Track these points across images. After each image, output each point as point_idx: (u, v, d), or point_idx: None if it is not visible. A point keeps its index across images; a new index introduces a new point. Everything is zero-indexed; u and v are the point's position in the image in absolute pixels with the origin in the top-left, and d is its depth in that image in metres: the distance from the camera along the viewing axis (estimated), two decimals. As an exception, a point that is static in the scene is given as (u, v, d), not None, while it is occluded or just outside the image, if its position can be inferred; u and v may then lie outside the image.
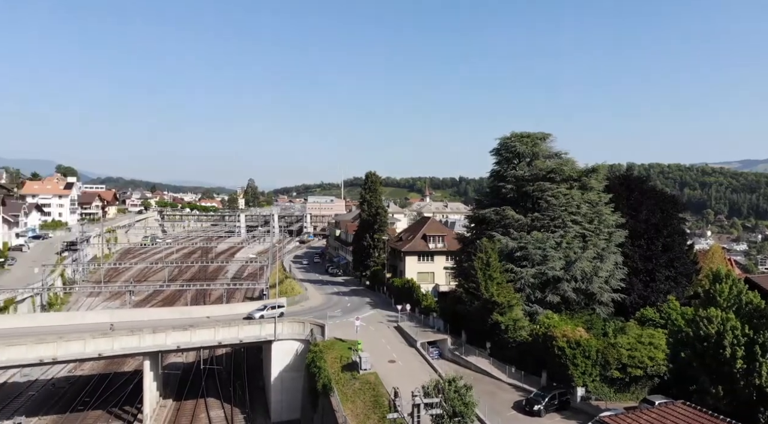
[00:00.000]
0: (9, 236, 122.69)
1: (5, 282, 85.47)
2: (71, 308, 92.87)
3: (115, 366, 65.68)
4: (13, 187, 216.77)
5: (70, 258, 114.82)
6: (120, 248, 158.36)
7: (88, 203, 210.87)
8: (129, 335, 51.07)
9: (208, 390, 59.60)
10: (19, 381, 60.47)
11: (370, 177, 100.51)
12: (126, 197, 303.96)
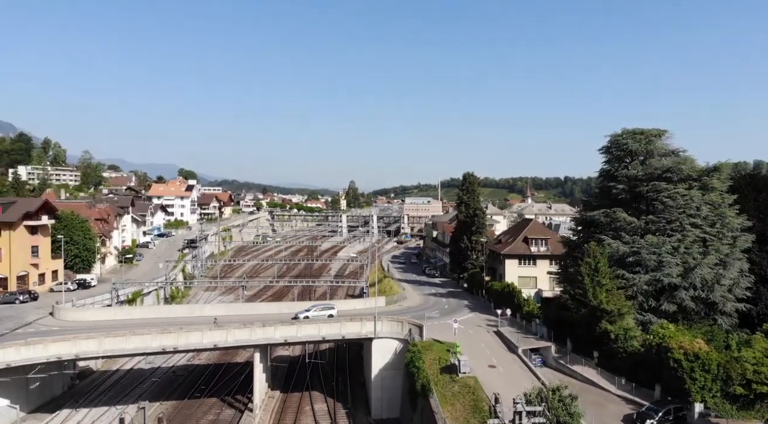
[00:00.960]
0: (137, 233, 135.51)
1: (134, 276, 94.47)
2: (191, 301, 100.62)
3: (228, 357, 70.26)
4: (141, 189, 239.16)
5: (190, 255, 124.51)
6: (234, 246, 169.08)
7: (207, 204, 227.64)
8: (241, 327, 54.49)
9: (312, 384, 62.00)
10: (144, 368, 66.48)
11: (468, 178, 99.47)
12: (240, 198, 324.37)
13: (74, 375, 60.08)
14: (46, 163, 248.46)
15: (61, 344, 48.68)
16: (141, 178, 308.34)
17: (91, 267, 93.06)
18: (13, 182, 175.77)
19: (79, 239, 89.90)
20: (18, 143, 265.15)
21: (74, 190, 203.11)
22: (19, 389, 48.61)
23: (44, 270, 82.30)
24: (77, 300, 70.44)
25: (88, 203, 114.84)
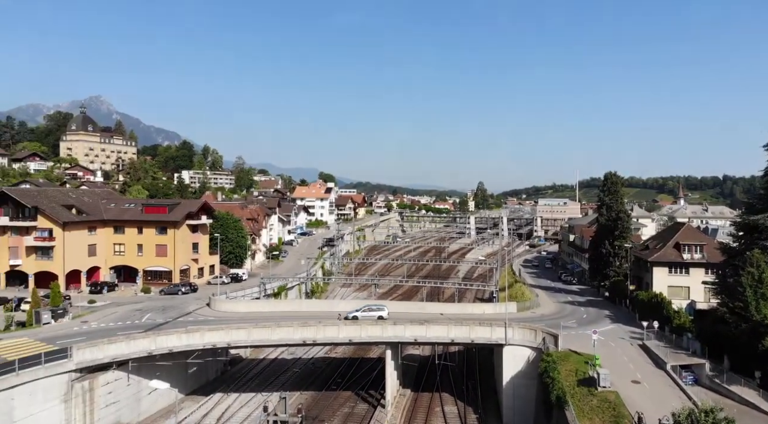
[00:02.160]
0: (283, 232, 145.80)
1: (279, 271, 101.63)
2: (328, 296, 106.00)
3: (362, 352, 72.93)
4: (287, 191, 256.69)
5: (329, 253, 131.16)
6: (367, 245, 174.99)
7: (343, 205, 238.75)
8: (374, 324, 56.29)
9: (442, 385, 62.17)
10: (287, 358, 71.29)
11: (610, 177, 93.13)
12: (372, 200, 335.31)
13: (226, 362, 66.14)
14: (205, 168, 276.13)
15: (216, 332, 53.85)
16: (286, 182, 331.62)
17: (243, 262, 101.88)
18: (178, 185, 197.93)
19: (233, 237, 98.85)
20: (182, 150, 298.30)
21: (229, 193, 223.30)
22: (179, 373, 54.61)
23: (203, 265, 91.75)
24: (230, 293, 77.47)
25: (240, 204, 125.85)
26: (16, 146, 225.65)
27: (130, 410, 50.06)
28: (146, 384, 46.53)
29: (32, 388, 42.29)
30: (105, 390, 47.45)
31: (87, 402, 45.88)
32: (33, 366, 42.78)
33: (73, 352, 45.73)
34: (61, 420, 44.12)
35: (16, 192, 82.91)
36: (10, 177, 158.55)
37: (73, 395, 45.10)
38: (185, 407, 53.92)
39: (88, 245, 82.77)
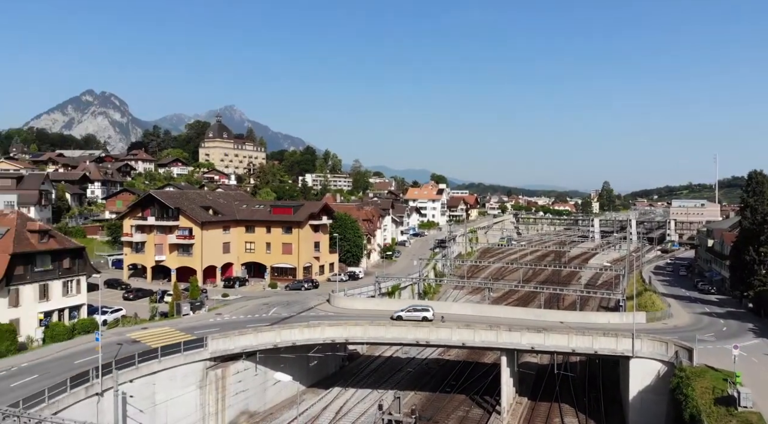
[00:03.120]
0: (396, 233, 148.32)
1: (392, 271, 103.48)
2: (440, 297, 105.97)
3: (475, 356, 71.98)
4: (400, 193, 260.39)
5: (440, 254, 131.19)
6: (480, 247, 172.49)
7: (455, 206, 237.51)
8: (487, 329, 55.29)
9: (561, 396, 59.57)
10: (401, 357, 72.28)
11: (755, 177, 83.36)
12: (485, 201, 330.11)
13: (344, 357, 68.53)
14: (326, 172, 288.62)
15: (335, 328, 56.05)
16: (399, 183, 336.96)
17: (359, 261, 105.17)
18: (302, 188, 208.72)
19: (351, 237, 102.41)
20: (306, 155, 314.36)
21: (347, 194, 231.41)
22: (301, 366, 57.51)
23: (324, 262, 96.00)
24: (348, 290, 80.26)
25: (357, 206, 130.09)
26: (162, 153, 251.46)
27: (256, 399, 53.67)
28: (272, 375, 49.56)
29: (172, 374, 46.83)
30: (235, 379, 51.30)
31: (219, 389, 49.90)
32: (173, 354, 47.37)
33: (208, 342, 49.98)
34: (197, 405, 48.40)
35: (162, 195, 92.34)
36: (156, 181, 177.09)
37: (208, 382, 49.28)
38: (306, 399, 56.67)
39: (223, 242, 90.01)
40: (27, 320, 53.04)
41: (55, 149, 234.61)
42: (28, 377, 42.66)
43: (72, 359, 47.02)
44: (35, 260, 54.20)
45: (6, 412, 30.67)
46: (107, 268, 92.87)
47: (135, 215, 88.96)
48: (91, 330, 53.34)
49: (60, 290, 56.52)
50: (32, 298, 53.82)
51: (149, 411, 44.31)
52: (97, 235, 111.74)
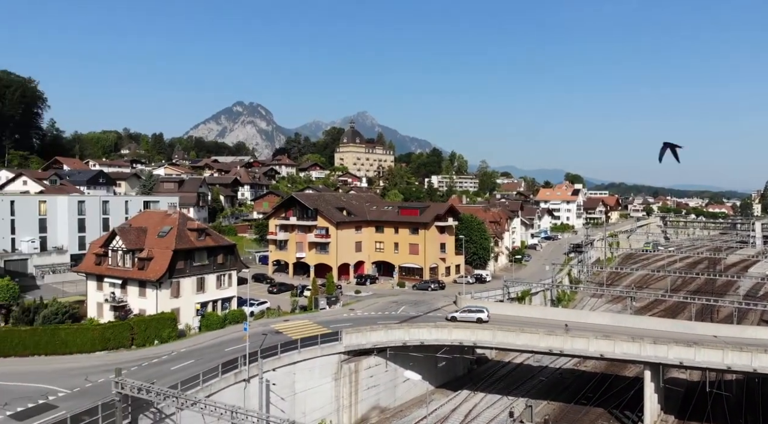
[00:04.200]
0: (526, 236, 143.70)
1: (522, 275, 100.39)
2: (576, 305, 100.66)
3: (615, 369, 67.43)
4: (530, 194, 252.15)
5: (576, 259, 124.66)
6: (621, 253, 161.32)
7: (592, 208, 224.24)
8: (629, 341, 51.45)
9: (714, 417, 53.82)
10: (532, 365, 69.82)
11: None
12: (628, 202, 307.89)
13: (473, 360, 67.85)
14: (452, 173, 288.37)
15: (463, 330, 55.74)
16: (529, 184, 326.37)
17: (486, 264, 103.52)
18: (428, 189, 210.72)
19: (477, 239, 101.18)
20: (432, 157, 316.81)
21: (473, 196, 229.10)
22: (430, 366, 57.92)
23: (449, 264, 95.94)
24: (475, 293, 79.35)
25: (483, 207, 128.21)
26: (302, 158, 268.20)
27: (387, 395, 55.11)
28: (401, 373, 50.65)
29: (310, 365, 49.72)
30: (367, 374, 53.14)
31: (353, 383, 52.01)
32: (311, 346, 50.29)
33: (342, 336, 52.35)
34: (332, 396, 50.86)
35: (302, 197, 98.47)
36: (297, 184, 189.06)
37: (342, 374, 51.60)
38: (435, 399, 56.98)
39: (355, 242, 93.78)
40: (186, 309, 59.37)
41: (210, 156, 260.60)
42: (186, 361, 47.73)
43: (223, 346, 51.81)
44: (194, 255, 60.49)
45: (166, 393, 34.59)
46: (254, 263, 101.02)
47: (279, 215, 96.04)
48: (240, 320, 58.39)
49: (214, 283, 62.53)
50: (190, 290, 60.12)
51: (290, 399, 47.47)
52: (246, 233, 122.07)
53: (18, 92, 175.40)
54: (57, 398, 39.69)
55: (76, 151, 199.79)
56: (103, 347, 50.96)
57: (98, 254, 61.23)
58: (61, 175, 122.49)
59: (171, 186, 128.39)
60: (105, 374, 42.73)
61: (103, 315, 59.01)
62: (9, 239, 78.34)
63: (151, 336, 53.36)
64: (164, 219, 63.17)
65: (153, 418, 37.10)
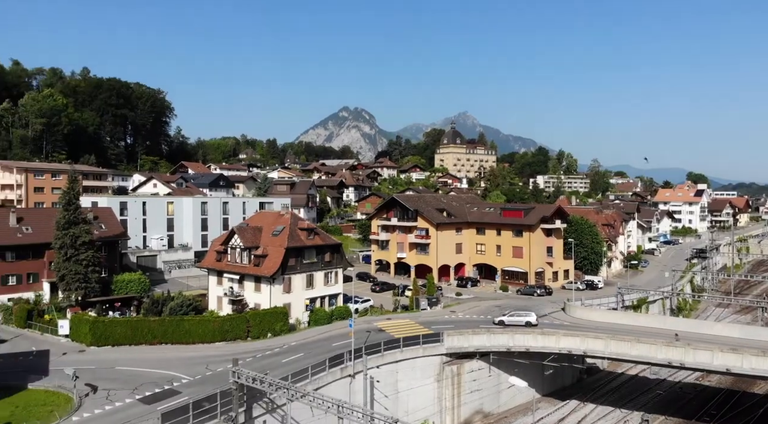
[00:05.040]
0: (642, 240, 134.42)
1: (638, 282, 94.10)
2: (699, 315, 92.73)
3: (742, 385, 61.38)
4: (647, 195, 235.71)
5: (699, 265, 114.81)
6: (752, 259, 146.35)
7: (718, 210, 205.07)
8: (760, 355, 46.53)
9: None
10: (648, 377, 65.26)
11: None
12: (759, 204, 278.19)
13: (582, 370, 64.76)
14: (559, 173, 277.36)
15: (571, 338, 53.29)
16: (646, 184, 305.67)
17: (598, 270, 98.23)
18: (533, 190, 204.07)
19: (588, 243, 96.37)
20: (537, 156, 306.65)
21: (583, 197, 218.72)
22: (536, 373, 55.97)
23: (557, 268, 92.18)
24: (585, 299, 75.63)
25: (595, 209, 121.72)
26: (403, 160, 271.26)
27: (490, 400, 54.11)
28: (505, 378, 49.46)
29: (412, 365, 50.07)
30: (469, 377, 52.53)
31: (455, 385, 51.67)
32: (413, 346, 50.63)
33: (444, 338, 52.19)
34: (434, 397, 50.87)
35: (403, 198, 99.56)
36: (398, 185, 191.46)
37: (444, 376, 51.44)
38: (541, 407, 55.07)
39: (456, 243, 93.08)
40: (296, 304, 62.20)
41: (318, 159, 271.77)
42: (296, 354, 50.00)
43: (330, 341, 53.66)
44: (304, 253, 63.26)
45: (278, 384, 36.39)
46: (358, 262, 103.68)
47: (381, 216, 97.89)
48: (345, 317, 60.22)
49: (322, 280, 64.97)
50: (301, 286, 62.92)
51: (393, 397, 48.14)
52: (351, 233, 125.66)
53: (149, 103, 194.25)
54: (181, 384, 43.28)
55: (199, 156, 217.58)
56: (222, 338, 54.77)
57: (219, 251, 65.94)
58: (187, 178, 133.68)
59: (283, 188, 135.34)
60: (223, 364, 45.95)
61: (222, 308, 63.46)
62: (141, 237, 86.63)
63: (265, 329, 56.54)
64: (277, 219, 66.72)
65: (266, 408, 39.24)
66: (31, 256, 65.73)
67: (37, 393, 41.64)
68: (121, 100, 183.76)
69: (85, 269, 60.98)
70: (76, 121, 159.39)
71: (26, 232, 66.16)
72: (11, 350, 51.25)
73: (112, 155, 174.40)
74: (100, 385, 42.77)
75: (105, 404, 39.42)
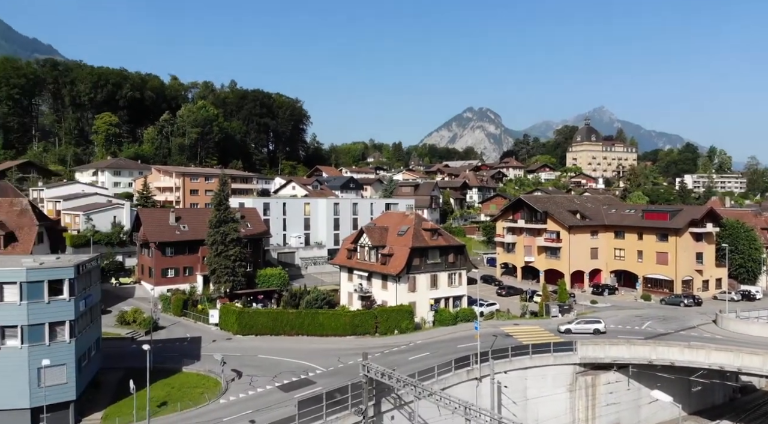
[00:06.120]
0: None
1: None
2: None
3: None
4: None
5: None
6: None
7: None
8: None
9: None
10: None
11: None
12: None
13: (736, 388, 58.22)
14: (710, 171, 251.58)
15: (724, 353, 48.02)
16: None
17: (756, 279, 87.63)
18: (680, 190, 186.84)
19: (744, 248, 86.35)
20: (685, 154, 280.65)
21: (739, 198, 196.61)
22: (681, 389, 51.16)
23: (707, 277, 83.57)
24: (740, 311, 67.77)
25: (754, 211, 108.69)
26: (531, 160, 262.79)
27: (629, 415, 50.50)
28: (646, 393, 45.98)
29: (542, 373, 48.24)
30: (605, 389, 49.49)
31: (589, 396, 48.96)
32: (543, 353, 48.76)
33: (577, 347, 49.65)
34: (566, 408, 48.59)
35: (530, 199, 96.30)
36: (525, 186, 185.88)
37: (577, 387, 48.95)
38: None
39: (590, 248, 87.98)
40: (421, 304, 62.84)
41: (442, 161, 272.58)
42: (421, 353, 50.58)
43: (455, 342, 53.55)
44: (428, 253, 63.75)
45: (406, 381, 37.04)
46: (482, 265, 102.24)
47: (506, 218, 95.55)
48: (470, 319, 59.75)
49: (446, 281, 65.00)
50: (425, 285, 63.46)
51: (521, 404, 46.80)
52: (474, 235, 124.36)
53: (288, 112, 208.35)
54: (315, 374, 45.80)
55: (332, 161, 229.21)
56: (353, 332, 57.07)
57: (349, 249, 68.82)
58: (321, 181, 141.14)
59: (408, 190, 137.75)
60: (353, 357, 47.84)
61: (352, 303, 66.11)
62: (281, 235, 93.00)
63: (391, 326, 57.98)
64: (403, 219, 68.05)
65: (393, 403, 40.18)
66: (187, 251, 73.32)
67: (190, 376, 46.40)
68: (264, 110, 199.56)
69: (233, 264, 66.84)
70: (226, 129, 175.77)
71: (183, 230, 73.97)
72: (169, 336, 57.61)
73: (256, 160, 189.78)
74: (244, 371, 46.67)
75: (248, 389, 42.93)
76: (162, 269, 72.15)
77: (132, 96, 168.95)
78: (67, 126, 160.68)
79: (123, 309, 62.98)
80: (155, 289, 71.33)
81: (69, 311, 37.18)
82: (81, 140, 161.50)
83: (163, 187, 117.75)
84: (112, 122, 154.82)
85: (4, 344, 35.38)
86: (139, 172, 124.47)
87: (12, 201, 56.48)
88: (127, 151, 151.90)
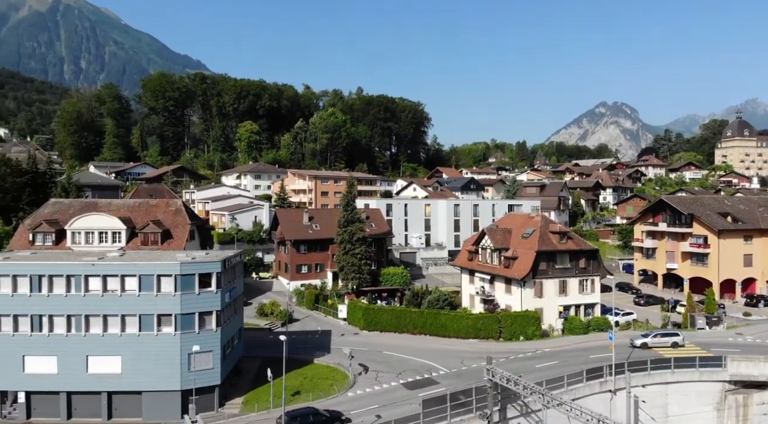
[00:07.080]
0: None
1: None
2: None
3: None
4: None
5: None
6: None
7: None
8: None
9: None
10: None
11: None
12: None
13: None
14: None
15: None
16: None
17: None
18: None
19: None
20: None
21: None
22: None
23: None
24: None
25: None
26: (673, 157, 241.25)
27: (790, 443, 44.64)
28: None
29: (685, 388, 44.16)
30: (759, 410, 44.25)
31: (739, 417, 44.11)
32: (687, 368, 44.61)
33: (727, 362, 44.87)
34: (714, 428, 44.08)
35: (673, 200, 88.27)
36: (667, 186, 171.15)
37: (726, 406, 44.25)
38: None
39: (743, 254, 78.77)
40: (548, 310, 60.34)
41: (571, 160, 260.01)
42: (550, 361, 48.64)
43: (587, 353, 50.80)
44: (555, 257, 61.07)
45: (533, 388, 35.83)
46: (618, 271, 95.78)
47: (646, 221, 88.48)
48: (603, 328, 56.31)
49: (576, 287, 61.80)
50: (553, 291, 60.83)
51: (661, 421, 43.28)
52: (608, 239, 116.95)
53: (410, 115, 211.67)
54: (438, 375, 46.01)
55: (452, 162, 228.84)
56: (475, 335, 56.47)
57: (470, 250, 68.18)
58: (441, 182, 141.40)
59: (533, 190, 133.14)
60: (476, 361, 47.34)
61: (474, 306, 65.41)
62: (403, 236, 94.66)
63: (516, 332, 56.46)
64: (527, 221, 65.93)
65: (519, 410, 39.13)
66: (319, 249, 77.53)
67: (321, 368, 48.84)
68: (388, 114, 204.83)
69: (359, 262, 69.41)
70: (353, 134, 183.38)
71: (315, 229, 78.18)
72: (302, 328, 61.11)
73: (380, 163, 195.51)
74: (370, 366, 48.20)
75: (374, 385, 44.25)
76: (296, 265, 76.88)
77: (270, 105, 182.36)
78: (214, 134, 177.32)
79: (262, 302, 68.15)
80: (290, 283, 76.13)
81: (216, 302, 40.91)
82: (226, 147, 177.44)
83: (297, 189, 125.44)
84: (253, 130, 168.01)
85: (161, 331, 39.66)
86: (277, 176, 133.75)
87: (168, 202, 63.12)
88: (266, 156, 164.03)
